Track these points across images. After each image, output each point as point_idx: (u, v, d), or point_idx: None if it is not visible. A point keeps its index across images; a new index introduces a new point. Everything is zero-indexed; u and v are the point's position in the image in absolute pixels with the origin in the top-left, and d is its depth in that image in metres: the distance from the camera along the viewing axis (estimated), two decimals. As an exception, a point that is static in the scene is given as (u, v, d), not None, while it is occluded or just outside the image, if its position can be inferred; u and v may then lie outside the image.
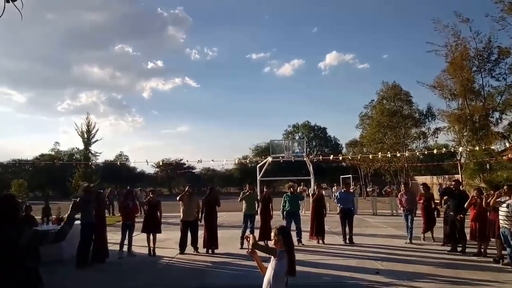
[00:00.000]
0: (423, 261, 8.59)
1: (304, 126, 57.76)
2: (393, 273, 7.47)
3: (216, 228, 10.22)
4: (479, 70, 24.65)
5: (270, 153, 23.80)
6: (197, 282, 7.30)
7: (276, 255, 3.51)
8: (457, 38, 24.41)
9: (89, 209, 8.78)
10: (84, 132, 22.73)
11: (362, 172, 38.53)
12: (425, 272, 7.60)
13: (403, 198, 11.30)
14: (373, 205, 20.06)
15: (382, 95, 34.52)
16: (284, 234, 3.60)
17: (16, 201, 3.48)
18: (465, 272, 7.49)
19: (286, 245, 3.53)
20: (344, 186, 12.70)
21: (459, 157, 26.60)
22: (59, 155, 50.21)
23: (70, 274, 7.98)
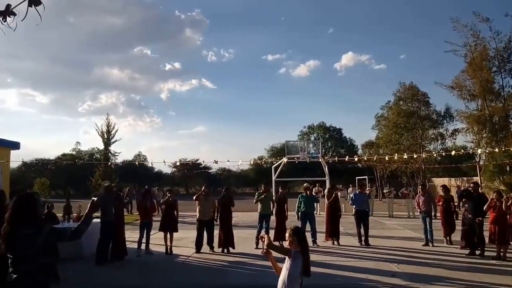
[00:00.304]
0: (441, 264, 8.48)
1: (320, 127, 57.51)
2: (409, 276, 7.42)
3: (231, 228, 10.32)
4: (499, 71, 24.17)
5: (285, 154, 23.83)
6: (212, 281, 7.38)
7: (290, 256, 3.51)
8: (476, 38, 24.00)
9: (109, 208, 8.96)
10: (104, 132, 23.27)
11: (378, 174, 38.19)
12: (443, 275, 7.52)
13: (420, 200, 11.16)
14: (389, 207, 19.89)
15: (399, 96, 34.12)
16: (299, 235, 3.60)
17: (36, 199, 3.54)
18: (484, 276, 7.39)
19: (300, 246, 3.53)
20: (359, 187, 12.57)
21: (478, 159, 26.11)
22: (80, 155, 51.44)
23: (89, 270, 8.17)
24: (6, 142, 10.45)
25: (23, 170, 39.55)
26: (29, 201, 3.40)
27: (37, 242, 3.17)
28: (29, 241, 3.16)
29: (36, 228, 3.23)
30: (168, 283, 7.28)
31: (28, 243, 3.16)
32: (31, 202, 3.40)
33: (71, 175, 42.62)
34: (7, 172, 10.51)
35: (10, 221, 3.22)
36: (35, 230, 3.21)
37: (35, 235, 3.19)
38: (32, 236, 3.18)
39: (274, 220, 10.86)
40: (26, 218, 3.24)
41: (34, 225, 3.24)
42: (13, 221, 3.23)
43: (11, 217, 3.24)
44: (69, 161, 27.44)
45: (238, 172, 51.95)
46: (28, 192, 4.03)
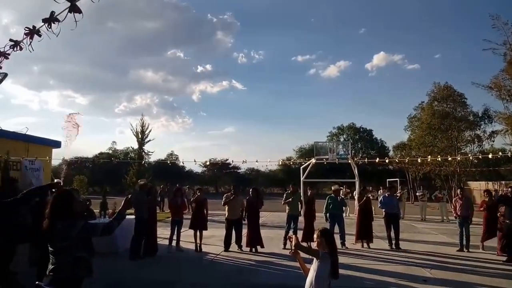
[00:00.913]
0: (475, 270, 8.21)
1: (350, 128, 56.66)
2: (442, 282, 7.23)
3: (259, 227, 10.38)
4: (542, 70, 23.06)
5: (314, 154, 23.64)
6: (240, 280, 7.44)
7: (318, 257, 3.50)
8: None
9: (143, 205, 9.21)
10: (138, 132, 23.93)
11: (410, 176, 37.23)
12: (477, 282, 7.29)
13: (457, 204, 10.74)
14: (422, 210, 19.36)
15: (433, 96, 33.11)
16: (327, 236, 3.58)
17: (73, 196, 3.70)
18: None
19: (329, 247, 3.52)
20: (388, 190, 12.27)
21: (518, 162, 24.99)
22: (115, 154, 53.03)
23: (122, 265, 8.43)
24: (48, 141, 10.97)
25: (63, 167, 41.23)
26: (66, 198, 3.59)
27: (71, 236, 3.35)
28: (63, 235, 3.35)
29: (70, 223, 3.41)
30: (197, 280, 7.40)
31: (63, 236, 3.35)
32: (68, 198, 3.59)
33: (107, 173, 44.05)
34: (48, 169, 11.07)
35: (49, 216, 3.43)
36: (70, 225, 3.40)
37: (69, 229, 3.37)
38: (67, 230, 3.37)
39: (302, 221, 10.81)
40: (63, 213, 3.44)
41: (69, 220, 3.43)
42: (51, 215, 3.43)
43: (50, 212, 3.45)
44: (106, 160, 28.39)
45: (267, 172, 52.02)
46: (67, 189, 4.21)
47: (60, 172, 9.96)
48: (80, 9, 2.96)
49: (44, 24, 3.14)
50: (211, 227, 11.54)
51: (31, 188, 5.15)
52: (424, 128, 32.46)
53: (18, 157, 8.46)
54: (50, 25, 3.12)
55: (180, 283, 7.14)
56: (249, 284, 7.18)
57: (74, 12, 2.97)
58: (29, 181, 9.38)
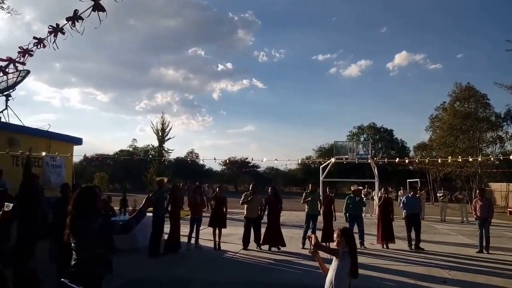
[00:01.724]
0: (496, 272, 8.14)
1: (370, 127, 56.07)
2: (462, 284, 7.19)
3: (279, 226, 10.48)
4: None
5: (333, 154, 23.63)
6: (259, 278, 7.52)
7: (338, 256, 3.52)
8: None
9: (162, 202, 9.43)
10: (159, 130, 24.26)
11: (431, 177, 36.66)
12: (498, 284, 7.24)
13: (477, 205, 10.62)
14: (442, 211, 19.13)
15: (455, 97, 32.54)
16: (347, 236, 3.59)
17: (96, 193, 3.65)
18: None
19: (348, 247, 3.53)
20: (412, 190, 12.23)
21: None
22: (136, 151, 53.87)
23: (142, 262, 8.58)
24: (69, 137, 11.08)
25: (85, 164, 42.18)
26: (90, 194, 3.55)
27: (91, 233, 3.34)
28: (83, 232, 3.34)
29: (89, 220, 3.38)
30: (216, 278, 7.52)
31: (82, 233, 3.34)
32: (91, 194, 3.55)
33: (127, 170, 44.81)
34: (70, 166, 11.25)
35: (71, 212, 3.42)
36: (89, 222, 3.37)
37: (88, 226, 3.35)
38: (86, 227, 3.35)
39: (321, 221, 10.83)
40: (85, 210, 3.41)
41: (89, 217, 3.40)
42: (73, 211, 3.41)
43: (72, 208, 3.43)
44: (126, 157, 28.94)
45: (286, 171, 51.87)
46: (90, 186, 4.22)
47: None
48: (104, 7, 2.99)
49: (68, 23, 3.17)
50: (230, 225, 11.66)
51: None
52: (446, 128, 31.90)
53: (39, 154, 8.72)
54: (74, 24, 3.14)
55: (198, 281, 7.25)
56: (267, 283, 7.24)
57: (98, 11, 3.00)
58: (48, 179, 9.61)
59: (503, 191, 31.71)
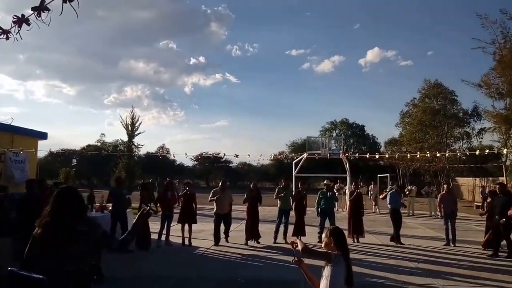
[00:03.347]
0: (461, 264, 8.37)
1: (342, 123, 56.91)
2: (428, 275, 7.34)
3: (257, 222, 10.59)
4: (530, 69, 23.26)
5: (306, 149, 23.75)
6: (230, 274, 7.46)
7: (331, 261, 3.02)
8: (505, 35, 23.18)
9: (121, 198, 9.39)
10: (128, 124, 23.62)
11: (401, 172, 37.57)
12: (462, 275, 7.44)
13: (443, 200, 10.95)
14: (410, 205, 19.50)
15: (424, 93, 33.40)
16: (338, 236, 3.14)
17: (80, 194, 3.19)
18: (504, 277, 7.28)
19: (340, 249, 3.08)
20: (397, 187, 12.28)
21: (504, 159, 25.31)
22: (104, 146, 52.48)
23: (111, 259, 8.29)
24: (34, 132, 10.74)
25: (50, 159, 40.78)
26: (80, 196, 3.13)
27: (91, 241, 2.97)
28: (84, 239, 2.94)
29: (92, 227, 3.04)
30: (187, 275, 7.39)
31: (83, 241, 2.94)
32: (78, 196, 3.11)
33: (95, 166, 43.68)
34: (34, 161, 10.86)
35: (67, 217, 2.95)
36: (91, 229, 3.01)
37: (90, 234, 2.99)
38: (88, 234, 2.97)
39: (293, 216, 10.89)
40: (83, 214, 3.08)
41: (90, 223, 3.08)
42: (71, 216, 2.97)
43: (69, 212, 2.97)
44: (94, 152, 28.08)
45: (259, 167, 52.01)
46: (71, 186, 3.74)
47: None
48: (73, -3, 2.86)
49: (33, 13, 2.97)
50: (202, 221, 11.57)
51: None
52: (415, 124, 32.77)
53: (2, 149, 8.26)
54: (40, 14, 2.99)
55: (170, 278, 7.11)
56: (239, 279, 7.17)
57: (68, 1, 2.89)
58: (11, 174, 9.16)
59: (469, 185, 32.86)
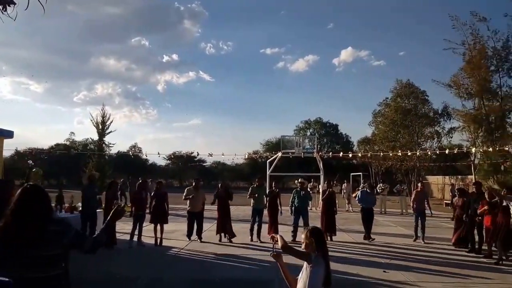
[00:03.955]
0: (431, 260, 8.55)
1: (316, 122, 57.49)
2: (400, 272, 7.44)
3: (229, 219, 10.68)
4: (497, 70, 24.15)
5: (280, 148, 23.79)
6: (205, 275, 7.36)
7: (310, 261, 3.00)
8: (475, 36, 23.95)
9: (93, 198, 9.32)
10: (99, 123, 22.93)
11: (373, 170, 38.27)
12: (432, 270, 7.61)
13: (416, 198, 11.34)
14: (382, 203, 19.85)
15: (396, 93, 34.13)
16: (317, 236, 3.09)
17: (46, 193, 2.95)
18: (472, 272, 7.50)
19: (320, 250, 3.05)
20: (368, 186, 12.61)
21: (473, 157, 26.16)
22: (74, 145, 50.96)
23: (79, 260, 8.04)
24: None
25: (16, 159, 39.28)
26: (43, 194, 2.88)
27: (64, 242, 2.78)
28: (56, 241, 2.74)
29: (65, 227, 2.85)
30: (161, 276, 7.25)
31: (55, 242, 2.73)
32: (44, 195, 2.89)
33: (64, 165, 42.40)
34: (0, 160, 10.39)
35: (36, 217, 2.74)
36: (64, 229, 2.83)
37: (63, 234, 2.79)
38: (60, 235, 2.78)
39: (266, 215, 10.91)
40: (51, 213, 2.88)
41: (61, 223, 2.90)
42: (41, 216, 2.76)
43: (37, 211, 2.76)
44: (63, 151, 27.17)
45: (233, 166, 51.74)
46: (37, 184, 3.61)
47: None
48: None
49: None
50: (175, 221, 11.41)
51: None
52: (388, 123, 33.41)
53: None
54: (5, 8, 2.90)
55: (142, 279, 6.96)
56: (213, 279, 7.08)
57: None
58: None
59: (439, 184, 33.80)
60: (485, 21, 23.44)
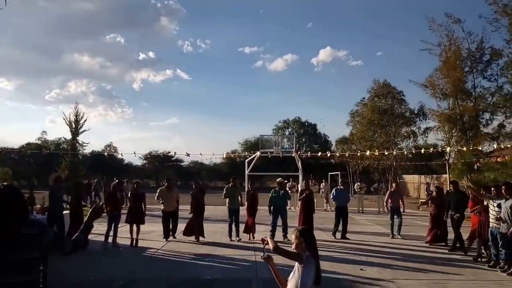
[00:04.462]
0: (407, 258, 8.66)
1: (295, 122, 57.72)
2: (377, 269, 7.50)
3: (201, 218, 10.64)
4: (471, 71, 24.64)
5: (259, 148, 23.69)
6: (182, 275, 7.20)
7: (302, 261, 3.05)
8: (450, 38, 24.45)
9: (59, 198, 9.14)
10: (72, 122, 22.13)
11: (351, 170, 38.70)
12: (408, 267, 7.72)
13: (392, 196, 11.65)
14: (359, 202, 20.03)
15: (374, 93, 34.56)
16: (307, 237, 3.15)
17: None
18: (447, 268, 7.64)
19: (311, 249, 3.11)
20: (342, 184, 12.71)
21: (448, 157, 26.71)
22: (46, 145, 49.35)
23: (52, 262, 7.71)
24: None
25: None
26: (18, 194, 2.73)
27: (42, 244, 2.62)
28: (33, 243, 2.60)
29: (42, 228, 2.70)
30: (137, 277, 7.08)
31: (32, 245, 2.59)
32: (20, 194, 2.74)
33: (36, 165, 41.10)
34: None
35: (8, 217, 2.59)
36: (41, 230, 2.67)
37: (41, 236, 2.63)
38: (38, 236, 2.62)
39: (244, 215, 10.91)
40: (26, 214, 2.72)
41: (37, 224, 2.74)
42: (13, 217, 2.59)
43: (12, 212, 2.60)
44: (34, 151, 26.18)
45: (211, 166, 51.33)
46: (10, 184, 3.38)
47: None
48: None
49: None
50: (151, 222, 11.23)
51: None
52: (365, 123, 33.78)
53: None
54: None
55: (117, 281, 6.75)
56: (190, 279, 6.97)
57: None
58: None
59: (415, 182, 34.44)
60: (460, 23, 23.96)
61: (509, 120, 23.86)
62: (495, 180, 15.76)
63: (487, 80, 24.72)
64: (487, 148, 21.87)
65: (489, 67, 24.58)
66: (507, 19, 19.15)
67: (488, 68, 24.61)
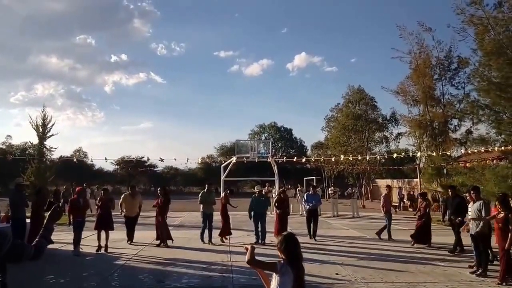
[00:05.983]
0: (384, 259, 8.76)
1: (271, 127, 57.97)
2: (352, 273, 7.48)
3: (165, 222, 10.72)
4: (440, 78, 25.41)
5: (235, 153, 23.55)
6: (154, 282, 6.97)
7: (277, 271, 2.95)
8: (420, 46, 25.13)
9: (21, 205, 8.98)
10: (39, 125, 21.34)
11: (326, 174, 39.10)
12: (385, 269, 7.78)
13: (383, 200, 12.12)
14: (334, 207, 20.11)
15: (348, 99, 35.10)
16: (290, 243, 3.05)
17: None
18: (424, 270, 7.62)
19: (291, 256, 3.01)
20: (312, 188, 13.32)
21: (418, 161, 27.35)
22: (10, 149, 47.41)
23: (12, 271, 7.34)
24: None
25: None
26: None
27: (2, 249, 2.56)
28: None
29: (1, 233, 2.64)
30: (108, 285, 6.79)
31: None
32: None
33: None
34: None
35: None
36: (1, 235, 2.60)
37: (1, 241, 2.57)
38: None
39: (219, 220, 11.09)
40: None
41: None
42: None
43: None
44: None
45: (186, 171, 50.82)
46: None
47: None
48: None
49: None
50: (123, 229, 10.94)
51: None
52: (340, 128, 34.24)
53: None
54: None
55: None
56: (161, 286, 6.77)
57: None
58: None
59: (388, 187, 34.96)
60: (430, 31, 24.66)
61: (476, 126, 24.67)
62: (463, 184, 16.16)
63: (455, 88, 25.60)
64: (456, 153, 22.55)
65: (456, 75, 25.47)
66: (473, 29, 19.80)
67: (456, 76, 25.51)
